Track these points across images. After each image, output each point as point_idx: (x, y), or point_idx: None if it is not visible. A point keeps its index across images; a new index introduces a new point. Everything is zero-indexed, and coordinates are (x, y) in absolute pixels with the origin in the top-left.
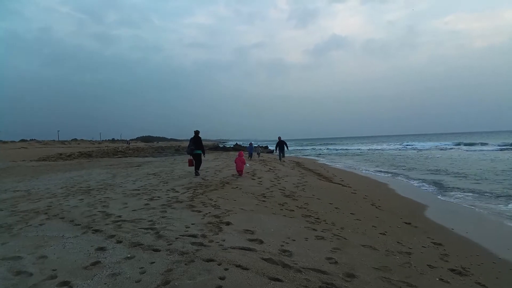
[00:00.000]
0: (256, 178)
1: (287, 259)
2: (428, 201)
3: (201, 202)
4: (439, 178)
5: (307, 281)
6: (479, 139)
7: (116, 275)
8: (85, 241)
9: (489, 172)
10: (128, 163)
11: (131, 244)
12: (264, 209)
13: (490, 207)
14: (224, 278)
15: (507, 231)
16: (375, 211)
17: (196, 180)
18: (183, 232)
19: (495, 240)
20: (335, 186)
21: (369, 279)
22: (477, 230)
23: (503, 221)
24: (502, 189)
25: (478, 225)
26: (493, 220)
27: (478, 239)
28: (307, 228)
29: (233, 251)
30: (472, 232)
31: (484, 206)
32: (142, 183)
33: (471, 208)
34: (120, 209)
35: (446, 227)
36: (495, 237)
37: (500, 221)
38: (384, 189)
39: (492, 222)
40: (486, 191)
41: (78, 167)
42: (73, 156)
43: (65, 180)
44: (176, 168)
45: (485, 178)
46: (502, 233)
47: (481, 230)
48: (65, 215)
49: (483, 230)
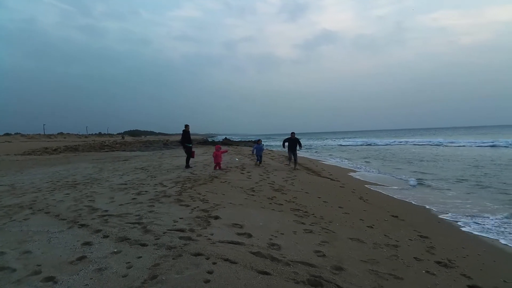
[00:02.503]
0: (245, 173)
1: (275, 253)
2: (410, 194)
3: (189, 196)
4: (422, 173)
5: (295, 274)
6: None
7: (103, 270)
8: (70, 236)
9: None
10: (115, 157)
11: (118, 238)
12: (253, 203)
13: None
14: (212, 272)
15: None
16: (362, 204)
17: (185, 175)
18: (171, 227)
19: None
20: (324, 180)
21: (357, 272)
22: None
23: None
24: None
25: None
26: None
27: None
28: (296, 221)
29: (221, 245)
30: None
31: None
32: (129, 177)
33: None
34: (106, 204)
35: (432, 220)
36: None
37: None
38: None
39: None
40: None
41: (64, 161)
42: (59, 150)
43: (50, 174)
44: (164, 163)
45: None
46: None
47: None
48: (50, 209)
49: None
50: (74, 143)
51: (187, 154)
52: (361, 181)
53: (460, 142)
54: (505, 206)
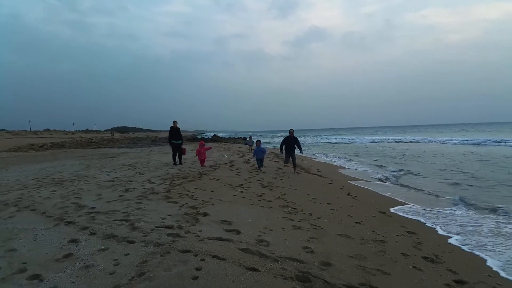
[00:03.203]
0: (234, 169)
1: (264, 249)
2: (396, 191)
3: (177, 193)
4: (406, 169)
5: (284, 270)
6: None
7: (89, 267)
8: (57, 233)
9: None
10: (103, 154)
11: (105, 236)
12: (241, 200)
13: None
14: (201, 268)
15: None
16: (351, 201)
17: (173, 171)
18: (159, 224)
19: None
20: (313, 177)
21: (344, 267)
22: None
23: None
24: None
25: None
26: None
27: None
28: (285, 218)
29: (210, 241)
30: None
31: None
32: (117, 174)
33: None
34: (93, 201)
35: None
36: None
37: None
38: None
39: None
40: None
41: (51, 158)
42: (45, 146)
43: (36, 171)
44: (152, 159)
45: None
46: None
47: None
48: (36, 207)
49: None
50: (61, 140)
51: (174, 150)
52: (349, 177)
53: (426, 139)
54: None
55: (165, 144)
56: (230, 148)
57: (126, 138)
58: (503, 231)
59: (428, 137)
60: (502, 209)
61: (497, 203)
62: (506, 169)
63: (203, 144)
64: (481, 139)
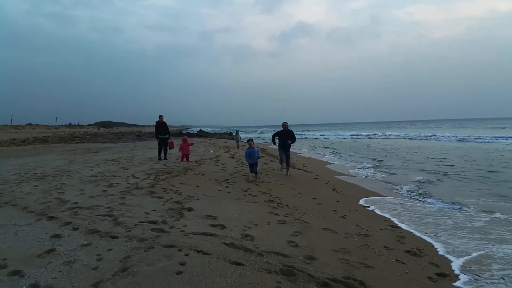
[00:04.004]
0: (219, 164)
1: (249, 244)
2: (380, 186)
3: (162, 188)
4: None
5: (268, 264)
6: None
7: (72, 262)
8: (39, 229)
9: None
10: (86, 149)
11: (88, 231)
12: (227, 195)
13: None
14: (185, 263)
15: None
16: (335, 195)
17: (158, 166)
18: (143, 219)
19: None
20: (298, 172)
21: (328, 261)
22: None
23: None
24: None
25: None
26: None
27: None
28: (270, 213)
29: (194, 236)
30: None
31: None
32: (100, 169)
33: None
34: (76, 196)
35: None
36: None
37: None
38: (344, 173)
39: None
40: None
41: (33, 153)
42: (27, 141)
43: (18, 166)
44: (137, 154)
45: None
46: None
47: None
48: (18, 202)
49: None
50: (44, 134)
51: (160, 145)
52: (335, 172)
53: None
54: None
55: (150, 139)
56: (215, 143)
57: (110, 133)
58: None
59: (415, 133)
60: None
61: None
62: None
63: (186, 139)
64: (463, 135)
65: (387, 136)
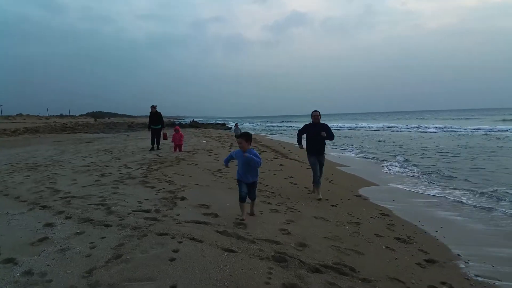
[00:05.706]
0: (212, 155)
1: (241, 231)
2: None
3: (155, 178)
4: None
5: (260, 251)
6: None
7: (65, 250)
8: (31, 218)
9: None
10: (78, 139)
11: (81, 219)
12: (220, 185)
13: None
14: (178, 250)
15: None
16: (328, 185)
17: (150, 157)
18: (136, 208)
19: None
20: (291, 161)
21: (320, 248)
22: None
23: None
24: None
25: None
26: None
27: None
28: (262, 202)
29: (187, 224)
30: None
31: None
32: (92, 159)
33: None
34: (69, 185)
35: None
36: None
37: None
38: (336, 164)
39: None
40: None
41: (24, 143)
42: (18, 132)
43: (9, 156)
44: (129, 145)
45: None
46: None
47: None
48: (9, 191)
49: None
50: (35, 125)
51: (153, 136)
52: (328, 162)
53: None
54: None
55: (142, 129)
56: (208, 134)
57: (102, 124)
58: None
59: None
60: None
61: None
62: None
63: (178, 129)
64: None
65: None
